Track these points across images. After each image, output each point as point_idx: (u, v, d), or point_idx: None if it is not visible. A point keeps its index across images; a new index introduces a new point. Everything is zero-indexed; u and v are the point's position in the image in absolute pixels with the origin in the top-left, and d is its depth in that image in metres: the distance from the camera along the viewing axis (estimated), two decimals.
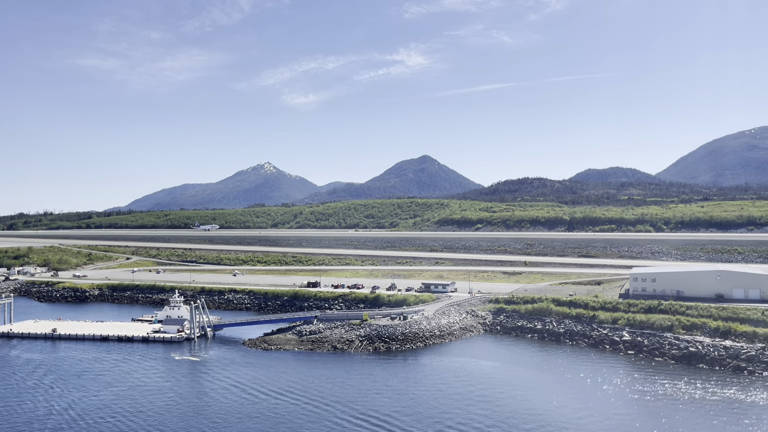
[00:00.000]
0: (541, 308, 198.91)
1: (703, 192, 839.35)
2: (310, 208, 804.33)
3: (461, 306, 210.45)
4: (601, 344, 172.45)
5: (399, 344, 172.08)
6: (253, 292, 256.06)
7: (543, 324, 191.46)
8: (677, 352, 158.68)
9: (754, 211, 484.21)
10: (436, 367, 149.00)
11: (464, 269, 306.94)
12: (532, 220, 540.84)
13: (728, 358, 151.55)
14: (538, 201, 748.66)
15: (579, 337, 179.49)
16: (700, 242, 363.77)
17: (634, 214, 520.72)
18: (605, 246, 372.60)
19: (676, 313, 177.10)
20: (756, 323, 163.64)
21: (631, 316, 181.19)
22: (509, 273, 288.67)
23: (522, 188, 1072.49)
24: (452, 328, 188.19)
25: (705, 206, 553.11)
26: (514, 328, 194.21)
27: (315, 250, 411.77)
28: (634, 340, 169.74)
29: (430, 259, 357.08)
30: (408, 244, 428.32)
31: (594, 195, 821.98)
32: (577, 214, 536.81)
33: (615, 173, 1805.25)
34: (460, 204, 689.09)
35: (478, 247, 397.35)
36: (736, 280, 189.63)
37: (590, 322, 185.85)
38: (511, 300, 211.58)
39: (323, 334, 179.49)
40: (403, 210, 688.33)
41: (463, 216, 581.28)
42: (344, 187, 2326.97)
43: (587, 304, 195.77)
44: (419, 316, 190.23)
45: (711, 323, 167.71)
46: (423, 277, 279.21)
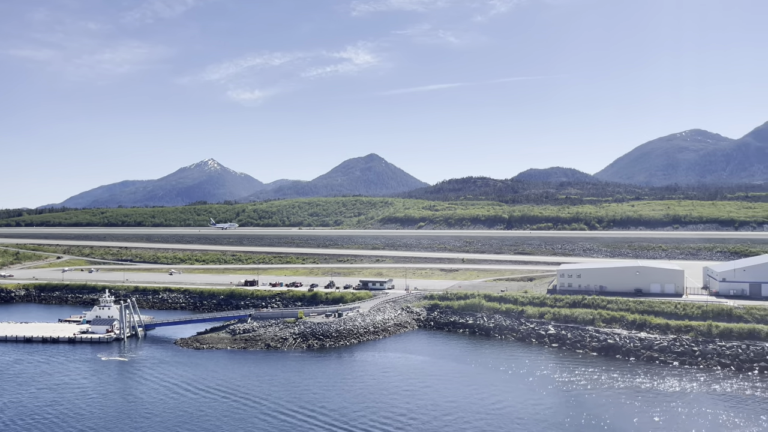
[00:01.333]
0: (473, 304, 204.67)
1: (635, 192, 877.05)
2: (253, 205, 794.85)
3: (397, 303, 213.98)
4: (528, 338, 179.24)
5: (333, 341, 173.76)
6: (189, 291, 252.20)
7: (474, 319, 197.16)
8: (597, 344, 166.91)
9: (679, 210, 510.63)
10: (368, 363, 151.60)
11: (404, 267, 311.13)
12: (473, 218, 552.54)
13: (642, 349, 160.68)
14: (480, 200, 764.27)
15: (507, 332, 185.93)
16: (628, 240, 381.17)
17: (569, 212, 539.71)
18: (540, 244, 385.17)
19: (598, 307, 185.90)
20: (669, 316, 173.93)
21: (557, 310, 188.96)
22: (447, 270, 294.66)
23: (466, 187, 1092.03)
24: (387, 324, 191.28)
25: (635, 205, 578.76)
26: (446, 323, 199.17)
27: (256, 249, 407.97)
28: (558, 333, 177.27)
29: (371, 257, 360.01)
30: (350, 242, 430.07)
31: (534, 194, 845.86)
32: (516, 213, 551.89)
33: (555, 173, 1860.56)
34: (404, 202, 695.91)
35: (419, 245, 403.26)
36: (653, 275, 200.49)
37: (519, 316, 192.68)
38: (445, 296, 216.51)
39: (257, 332, 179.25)
40: (348, 208, 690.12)
41: (407, 214, 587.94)
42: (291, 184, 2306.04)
43: (516, 300, 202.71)
44: (354, 314, 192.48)
45: (629, 316, 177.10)
46: (363, 275, 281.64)
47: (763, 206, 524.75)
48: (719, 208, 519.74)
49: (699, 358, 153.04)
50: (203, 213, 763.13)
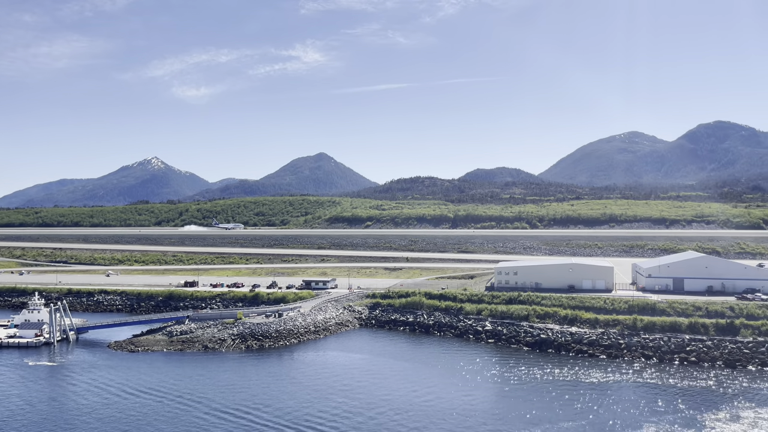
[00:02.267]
0: (414, 302, 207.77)
1: (576, 192, 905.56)
2: (197, 205, 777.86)
3: (339, 302, 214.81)
4: (466, 334, 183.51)
5: (272, 341, 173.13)
6: (126, 292, 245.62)
7: (415, 317, 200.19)
8: (531, 339, 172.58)
9: (616, 209, 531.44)
10: (307, 362, 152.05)
11: (348, 266, 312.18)
12: (419, 217, 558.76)
13: (573, 343, 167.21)
14: (427, 199, 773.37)
15: (446, 328, 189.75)
16: (566, 238, 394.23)
17: (512, 212, 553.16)
18: (483, 242, 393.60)
19: (533, 304, 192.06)
20: (598, 311, 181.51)
21: (494, 307, 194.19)
22: (391, 269, 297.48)
23: (414, 186, 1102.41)
24: (328, 323, 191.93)
25: (575, 205, 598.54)
26: (388, 321, 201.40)
27: (198, 249, 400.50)
28: (494, 329, 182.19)
29: (316, 256, 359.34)
30: (296, 241, 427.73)
31: (479, 194, 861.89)
32: (461, 212, 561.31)
33: (501, 173, 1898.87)
34: (351, 202, 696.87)
35: (365, 244, 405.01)
36: (585, 272, 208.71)
37: (457, 313, 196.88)
38: (386, 295, 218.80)
39: (194, 333, 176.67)
40: (295, 207, 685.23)
41: (354, 214, 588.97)
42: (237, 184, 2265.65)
43: (456, 297, 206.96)
44: (295, 313, 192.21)
45: (561, 312, 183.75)
46: (307, 275, 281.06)
47: (691, 205, 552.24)
48: (652, 207, 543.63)
49: (624, 350, 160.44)
50: (144, 213, 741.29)
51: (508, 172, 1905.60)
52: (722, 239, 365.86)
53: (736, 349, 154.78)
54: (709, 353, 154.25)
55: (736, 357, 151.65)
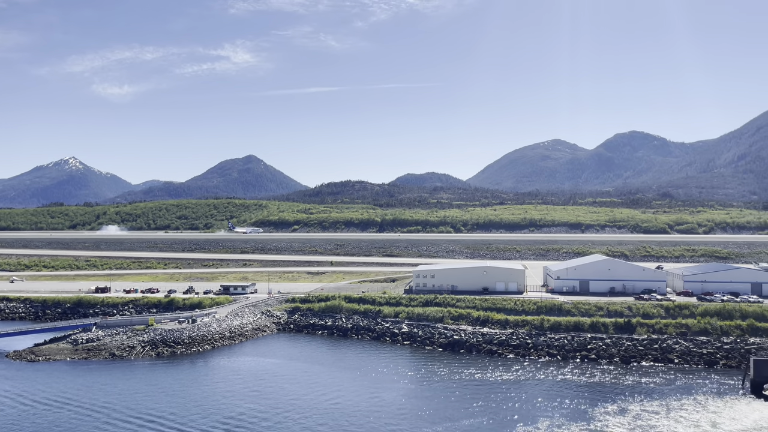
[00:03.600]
0: (334, 305, 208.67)
1: (501, 197, 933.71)
2: (116, 208, 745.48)
3: (257, 307, 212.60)
4: (383, 337, 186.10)
5: (185, 348, 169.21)
6: (30, 299, 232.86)
7: (333, 320, 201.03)
8: (444, 340, 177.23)
9: (535, 214, 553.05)
10: (219, 368, 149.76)
11: (271, 270, 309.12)
12: (347, 221, 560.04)
13: (484, 344, 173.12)
14: (356, 203, 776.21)
15: (364, 331, 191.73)
16: (487, 242, 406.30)
17: (437, 216, 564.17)
18: (407, 246, 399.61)
19: (448, 306, 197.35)
20: (509, 312, 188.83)
21: (411, 309, 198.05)
22: (313, 273, 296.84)
23: (344, 190, 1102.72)
24: (244, 329, 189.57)
25: (497, 210, 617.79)
26: (306, 326, 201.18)
27: (114, 254, 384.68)
28: (410, 331, 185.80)
29: (238, 261, 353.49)
30: (219, 246, 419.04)
31: (408, 198, 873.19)
32: (388, 217, 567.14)
33: (431, 178, 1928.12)
34: (278, 205, 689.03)
35: (290, 248, 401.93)
36: (498, 274, 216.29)
37: (376, 316, 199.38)
38: (306, 299, 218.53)
39: (102, 341, 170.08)
40: (220, 211, 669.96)
41: (281, 217, 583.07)
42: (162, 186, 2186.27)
43: (375, 300, 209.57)
44: (210, 319, 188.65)
45: (474, 313, 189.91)
46: (227, 280, 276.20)
47: (605, 211, 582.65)
48: (569, 212, 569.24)
49: (531, 349, 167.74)
50: (58, 215, 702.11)
51: (438, 178, 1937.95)
52: (630, 243, 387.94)
53: (632, 346, 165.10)
54: (608, 350, 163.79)
55: (632, 353, 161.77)
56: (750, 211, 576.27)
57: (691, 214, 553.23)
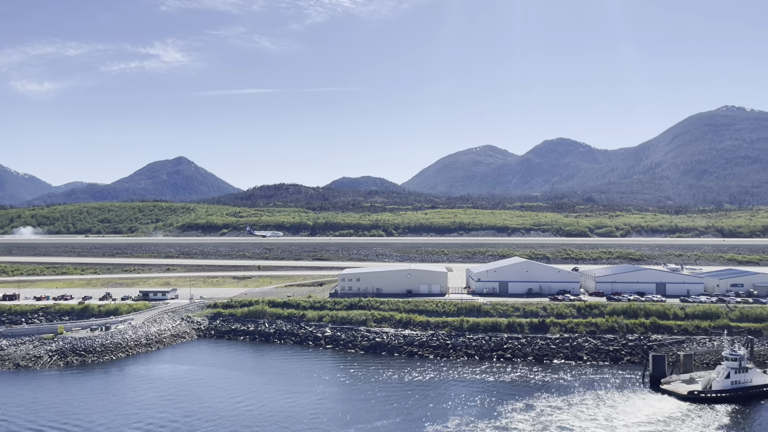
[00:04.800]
0: (257, 310, 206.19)
1: (434, 201, 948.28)
2: (32, 210, 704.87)
3: (177, 313, 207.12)
4: (306, 341, 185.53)
5: (97, 356, 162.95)
6: None
7: (256, 326, 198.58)
8: (367, 343, 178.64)
9: (464, 218, 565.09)
10: (132, 376, 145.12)
11: (195, 275, 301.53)
12: (278, 225, 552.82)
13: (405, 345, 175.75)
14: (289, 206, 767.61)
15: (287, 336, 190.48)
16: (416, 245, 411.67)
17: (369, 220, 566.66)
18: (338, 249, 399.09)
19: (372, 309, 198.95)
20: (430, 313, 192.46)
21: (335, 313, 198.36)
22: (239, 278, 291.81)
23: (278, 194, 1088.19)
24: (162, 335, 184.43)
25: (428, 213, 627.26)
26: (228, 331, 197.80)
27: (26, 259, 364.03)
28: (334, 335, 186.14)
29: (162, 265, 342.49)
30: (142, 250, 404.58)
31: (342, 202, 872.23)
32: (320, 220, 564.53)
33: (366, 182, 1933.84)
34: (207, 208, 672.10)
35: (216, 252, 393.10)
36: (422, 277, 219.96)
37: (299, 321, 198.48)
38: (229, 304, 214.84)
39: (5, 351, 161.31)
40: (145, 214, 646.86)
41: (209, 221, 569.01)
42: (86, 188, 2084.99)
43: (299, 304, 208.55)
44: (125, 326, 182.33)
45: (397, 315, 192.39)
46: (149, 285, 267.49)
47: (531, 215, 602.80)
48: (497, 216, 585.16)
49: (451, 350, 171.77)
50: None
51: (373, 181, 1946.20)
52: (552, 246, 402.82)
53: (545, 345, 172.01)
54: (523, 349, 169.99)
55: (545, 352, 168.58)
56: (663, 216, 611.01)
57: (610, 218, 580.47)
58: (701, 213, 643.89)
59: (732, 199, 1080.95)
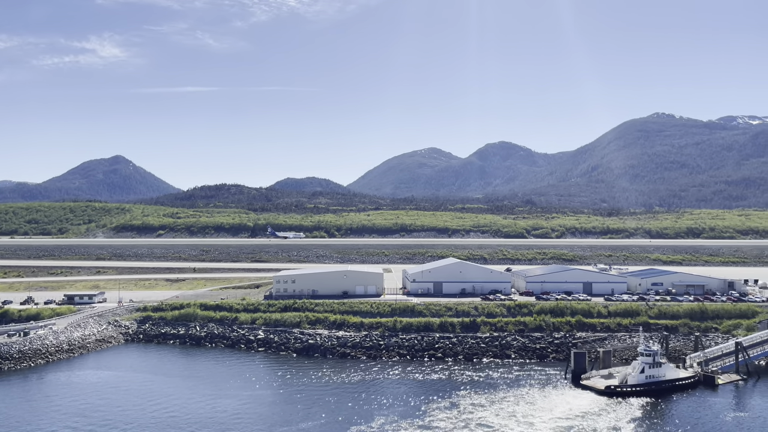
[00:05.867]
0: (188, 314, 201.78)
1: (378, 202, 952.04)
2: None
3: (103, 317, 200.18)
4: (238, 344, 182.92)
5: (14, 363, 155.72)
6: None
7: (187, 329, 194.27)
8: (300, 345, 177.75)
9: (406, 220, 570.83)
10: (52, 383, 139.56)
11: (127, 278, 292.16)
12: (217, 226, 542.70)
13: (338, 347, 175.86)
14: (230, 207, 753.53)
15: (218, 339, 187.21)
16: (357, 246, 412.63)
17: (312, 221, 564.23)
18: (278, 251, 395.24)
19: (307, 310, 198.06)
20: (365, 314, 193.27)
21: (269, 315, 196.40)
22: (173, 280, 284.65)
23: (219, 194, 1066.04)
24: (86, 340, 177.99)
25: (371, 215, 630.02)
26: (157, 335, 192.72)
27: None
28: (267, 337, 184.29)
29: (92, 268, 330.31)
30: (72, 252, 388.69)
31: (286, 203, 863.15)
32: (261, 221, 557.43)
33: (311, 183, 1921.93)
34: (143, 209, 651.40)
35: (151, 254, 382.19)
36: (358, 278, 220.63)
37: (232, 323, 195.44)
38: (159, 307, 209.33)
39: None
40: (77, 215, 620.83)
41: (145, 222, 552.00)
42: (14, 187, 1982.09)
43: (232, 307, 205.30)
44: (45, 331, 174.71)
45: (331, 317, 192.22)
46: (76, 288, 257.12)
47: (471, 216, 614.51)
48: (438, 218, 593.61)
49: (384, 350, 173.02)
50: None
51: (318, 182, 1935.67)
52: (490, 247, 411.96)
53: (475, 343, 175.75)
54: (454, 349, 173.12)
55: (475, 351, 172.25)
56: (596, 218, 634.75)
57: (546, 220, 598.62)
58: (632, 215, 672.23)
59: (662, 202, 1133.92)
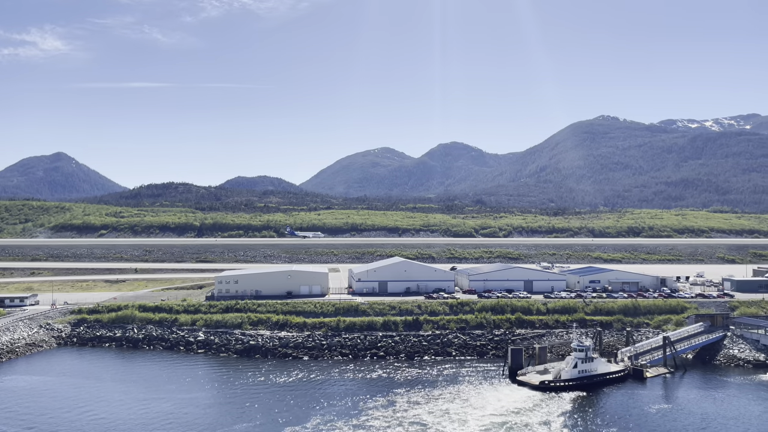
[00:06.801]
0: (126, 315, 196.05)
1: (330, 201, 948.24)
2: None
3: (34, 320, 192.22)
4: (177, 346, 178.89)
5: None
6: None
7: (124, 331, 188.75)
8: (241, 346, 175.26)
9: (357, 219, 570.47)
10: None
11: (64, 279, 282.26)
12: (162, 225, 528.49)
13: (280, 347, 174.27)
14: (177, 207, 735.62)
15: (157, 342, 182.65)
16: (305, 246, 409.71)
17: (261, 220, 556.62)
18: (224, 251, 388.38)
19: (249, 311, 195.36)
20: (308, 314, 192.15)
21: (210, 317, 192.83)
22: (112, 281, 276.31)
23: (166, 193, 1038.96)
24: (15, 345, 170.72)
25: (322, 214, 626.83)
26: (92, 338, 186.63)
27: None
28: (207, 339, 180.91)
29: (25, 269, 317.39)
30: (5, 253, 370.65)
31: (235, 202, 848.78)
32: (208, 221, 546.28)
33: (263, 182, 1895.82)
34: (84, 208, 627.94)
35: (91, 255, 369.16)
36: (302, 278, 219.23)
37: (171, 325, 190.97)
38: (95, 309, 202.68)
39: None
40: (12, 214, 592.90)
41: (86, 221, 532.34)
42: None
43: (172, 308, 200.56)
44: None
45: (274, 317, 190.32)
46: (7, 291, 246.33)
47: (421, 216, 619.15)
48: (388, 217, 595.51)
49: (326, 350, 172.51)
50: None
51: (270, 181, 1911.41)
52: (438, 246, 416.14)
53: (417, 342, 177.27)
54: (396, 347, 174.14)
55: (417, 349, 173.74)
56: (542, 217, 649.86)
57: (494, 219, 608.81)
58: (577, 215, 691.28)
59: (606, 202, 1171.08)
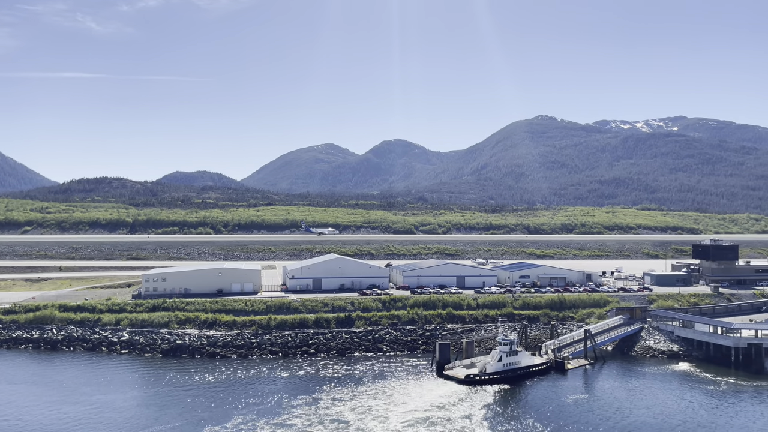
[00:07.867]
0: (45, 316, 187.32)
1: (271, 198, 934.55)
2: None
3: None
4: (100, 347, 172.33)
5: None
6: None
7: (42, 332, 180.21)
8: (167, 345, 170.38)
9: (297, 216, 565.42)
10: None
11: None
12: (93, 222, 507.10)
13: (208, 346, 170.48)
14: (110, 202, 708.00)
15: (77, 342, 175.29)
16: (242, 243, 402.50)
17: (197, 216, 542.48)
18: (156, 248, 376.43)
19: (177, 310, 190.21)
20: (238, 313, 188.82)
21: (135, 316, 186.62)
22: (33, 280, 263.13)
23: (99, 188, 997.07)
24: None
25: (261, 210, 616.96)
26: (7, 340, 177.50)
27: None
28: (132, 339, 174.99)
29: None
30: None
31: (172, 198, 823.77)
32: (141, 217, 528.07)
33: (202, 177, 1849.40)
34: (7, 203, 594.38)
35: (12, 252, 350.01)
36: (234, 276, 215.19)
37: (94, 325, 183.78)
38: (11, 310, 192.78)
39: None
40: None
41: (8, 217, 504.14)
42: None
43: (95, 308, 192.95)
44: None
45: (203, 316, 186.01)
46: None
47: (362, 212, 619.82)
48: (329, 213, 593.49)
49: (256, 349, 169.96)
50: None
51: (210, 176, 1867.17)
52: (377, 242, 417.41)
53: (349, 338, 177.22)
54: (327, 344, 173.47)
55: (348, 346, 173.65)
56: (480, 214, 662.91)
57: (434, 216, 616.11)
58: (514, 212, 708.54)
59: (543, 200, 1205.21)
